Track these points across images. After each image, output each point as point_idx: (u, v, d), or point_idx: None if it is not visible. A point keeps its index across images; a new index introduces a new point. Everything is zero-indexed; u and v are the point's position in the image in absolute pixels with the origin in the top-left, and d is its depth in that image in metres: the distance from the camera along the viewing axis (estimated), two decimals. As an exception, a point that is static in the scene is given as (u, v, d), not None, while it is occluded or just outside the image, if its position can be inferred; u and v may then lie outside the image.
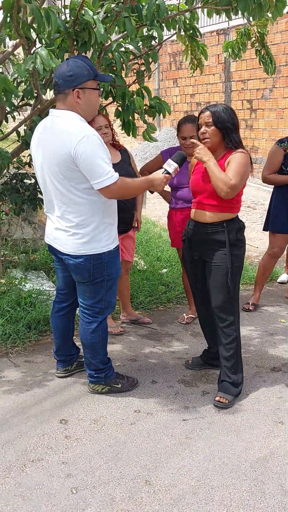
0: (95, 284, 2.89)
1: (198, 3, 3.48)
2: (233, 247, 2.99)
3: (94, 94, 2.75)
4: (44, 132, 2.77)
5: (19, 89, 4.18)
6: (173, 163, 2.91)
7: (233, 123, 2.93)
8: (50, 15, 2.98)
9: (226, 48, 4.81)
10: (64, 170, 2.65)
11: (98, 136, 2.64)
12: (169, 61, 13.99)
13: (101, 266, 2.85)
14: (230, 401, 3.01)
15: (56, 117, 2.73)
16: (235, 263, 3.00)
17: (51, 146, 2.68)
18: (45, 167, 2.75)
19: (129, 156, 3.85)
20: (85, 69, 2.67)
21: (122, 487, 2.37)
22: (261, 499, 2.30)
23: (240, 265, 3.07)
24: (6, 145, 5.21)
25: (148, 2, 3.26)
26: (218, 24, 11.32)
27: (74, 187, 2.69)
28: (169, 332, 4.01)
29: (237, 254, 3.02)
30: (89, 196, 2.72)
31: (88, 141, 2.58)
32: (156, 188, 2.97)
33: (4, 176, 4.49)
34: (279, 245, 4.44)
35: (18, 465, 2.50)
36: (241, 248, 3.06)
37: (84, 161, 2.58)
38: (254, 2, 3.23)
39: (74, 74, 2.65)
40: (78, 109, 2.72)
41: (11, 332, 3.72)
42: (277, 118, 10.51)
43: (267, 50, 4.76)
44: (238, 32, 4.75)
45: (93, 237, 2.79)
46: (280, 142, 4.25)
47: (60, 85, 2.69)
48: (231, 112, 2.96)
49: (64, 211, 2.77)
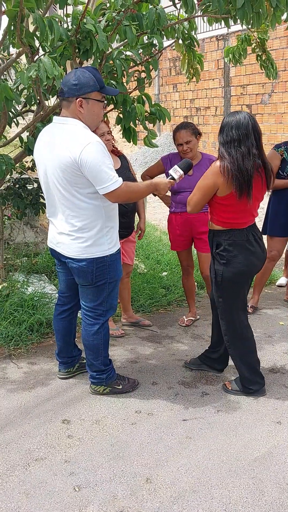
0: (97, 286, 2.95)
1: (197, 12, 3.55)
2: (215, 260, 3.05)
3: (97, 105, 2.81)
4: (48, 139, 2.83)
5: (22, 95, 4.25)
6: (179, 169, 2.97)
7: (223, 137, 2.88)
8: (53, 24, 3.05)
9: (227, 54, 4.89)
10: (68, 176, 2.72)
11: (101, 143, 2.71)
12: (168, 66, 14.09)
13: (104, 269, 2.91)
14: (233, 389, 3.19)
15: (60, 124, 2.79)
16: (218, 277, 3.04)
17: (56, 152, 2.74)
18: (49, 172, 2.81)
19: (127, 162, 3.93)
20: (91, 80, 2.73)
21: (124, 485, 2.42)
22: (259, 496, 2.35)
23: (224, 280, 3.02)
24: (8, 150, 5.28)
25: (148, 11, 3.34)
26: (217, 30, 11.41)
27: (78, 192, 2.75)
28: (169, 335, 4.07)
29: (217, 269, 3.03)
30: (93, 201, 2.79)
31: (92, 148, 2.64)
32: (160, 192, 3.01)
33: (7, 181, 4.56)
34: (277, 248, 4.51)
35: (22, 463, 2.56)
36: (224, 264, 3.00)
37: (89, 167, 2.64)
38: (252, 11, 3.30)
39: (79, 83, 2.71)
40: (81, 117, 2.78)
41: (13, 334, 3.78)
42: (276, 123, 10.60)
43: (268, 55, 4.84)
44: (239, 38, 4.83)
45: (96, 241, 2.85)
46: (277, 147, 4.32)
47: (64, 92, 2.76)
48: (233, 126, 2.84)
49: (67, 215, 2.83)
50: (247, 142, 2.83)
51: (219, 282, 3.05)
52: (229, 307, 3.10)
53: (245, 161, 2.81)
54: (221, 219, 3.00)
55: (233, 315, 3.12)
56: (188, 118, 13.69)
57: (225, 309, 3.11)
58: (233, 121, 2.85)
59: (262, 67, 4.92)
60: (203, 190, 2.94)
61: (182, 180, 3.78)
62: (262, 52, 4.84)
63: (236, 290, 3.07)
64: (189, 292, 4.34)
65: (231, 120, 2.87)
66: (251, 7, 3.24)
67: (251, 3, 3.23)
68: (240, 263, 2.99)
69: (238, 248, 3.00)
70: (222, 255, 3.01)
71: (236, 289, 3.07)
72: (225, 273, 3.02)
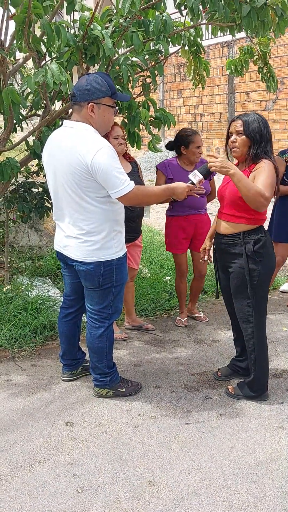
0: (103, 290, 2.97)
1: (203, 20, 3.58)
2: (250, 259, 2.97)
3: (108, 111, 2.84)
4: (58, 142, 2.84)
5: (28, 100, 4.29)
6: (199, 174, 2.99)
7: (264, 134, 2.89)
8: (60, 30, 3.09)
9: (229, 66, 4.93)
10: (78, 179, 2.74)
11: (112, 148, 2.73)
12: (173, 72, 14.15)
13: (110, 273, 2.93)
14: (236, 394, 3.19)
15: (71, 128, 2.81)
16: (254, 277, 2.97)
17: (66, 155, 2.75)
18: (59, 175, 2.83)
19: (138, 168, 3.96)
20: (104, 86, 2.76)
21: (126, 487, 2.43)
22: (262, 500, 2.36)
23: (260, 279, 2.99)
24: (14, 154, 5.32)
25: (155, 18, 3.37)
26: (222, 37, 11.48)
27: (87, 195, 2.78)
28: (172, 339, 4.08)
29: (253, 269, 2.97)
30: (101, 205, 2.81)
31: (104, 154, 2.66)
32: (178, 197, 2.99)
33: (13, 185, 4.59)
34: (281, 254, 4.53)
35: (25, 465, 2.57)
36: (260, 262, 2.97)
37: (101, 172, 2.67)
38: (257, 19, 3.34)
39: (91, 88, 2.74)
40: (92, 122, 2.81)
41: (17, 337, 3.80)
42: (280, 129, 10.62)
43: (269, 68, 4.88)
44: (241, 50, 4.88)
45: (104, 244, 2.87)
46: (282, 154, 4.35)
47: (76, 97, 2.78)
48: (263, 122, 2.91)
49: (76, 218, 2.86)
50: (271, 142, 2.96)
51: (256, 281, 2.98)
52: (260, 308, 3.06)
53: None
54: (255, 217, 2.96)
55: (262, 316, 3.08)
56: (193, 124, 13.74)
57: (258, 311, 3.05)
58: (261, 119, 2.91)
59: (263, 79, 4.96)
60: (272, 186, 2.84)
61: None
62: (264, 65, 4.88)
63: (267, 288, 3.06)
64: (183, 295, 4.43)
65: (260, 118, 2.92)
66: (256, 16, 3.27)
67: (256, 12, 3.26)
68: (272, 259, 3.03)
69: (270, 244, 3.02)
70: (259, 253, 2.96)
71: (267, 287, 3.05)
72: (262, 270, 2.97)
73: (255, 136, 2.88)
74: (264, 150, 2.90)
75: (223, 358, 3.73)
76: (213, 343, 4.00)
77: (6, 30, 3.49)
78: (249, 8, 3.27)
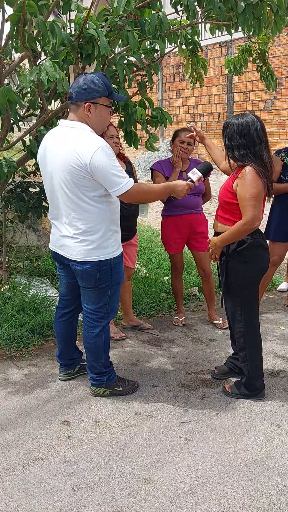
0: (100, 289, 2.97)
1: (199, 18, 3.58)
2: (231, 260, 3.04)
3: (105, 110, 2.85)
4: (55, 141, 2.85)
5: (25, 100, 4.30)
6: (198, 172, 3.00)
7: (232, 139, 2.90)
8: (54, 28, 3.09)
9: (228, 64, 4.92)
10: (76, 178, 2.74)
11: (109, 147, 2.74)
12: (172, 72, 14.14)
13: (107, 272, 2.93)
14: (233, 393, 3.20)
15: (68, 128, 2.81)
16: (230, 277, 3.04)
17: (63, 155, 2.75)
18: (55, 174, 2.82)
19: (132, 167, 3.97)
20: (100, 86, 2.77)
21: (122, 485, 2.43)
22: (257, 498, 2.36)
23: (246, 280, 3.03)
24: (11, 154, 5.32)
25: (151, 17, 3.37)
26: (220, 36, 11.48)
27: (84, 194, 2.78)
28: (169, 338, 4.08)
29: (234, 268, 3.03)
30: (98, 204, 2.81)
31: (102, 153, 2.67)
32: (178, 194, 3.01)
33: (10, 185, 4.59)
34: (279, 254, 4.52)
35: (22, 463, 2.57)
36: (244, 263, 3.01)
37: (100, 172, 2.68)
38: (253, 17, 3.33)
39: (88, 88, 2.75)
40: (88, 122, 2.81)
41: (15, 336, 3.80)
42: (278, 129, 10.62)
43: (268, 66, 4.87)
44: (240, 49, 4.87)
45: (100, 244, 2.87)
46: (278, 153, 4.35)
47: (73, 96, 2.79)
48: (246, 127, 2.88)
49: (72, 218, 2.85)
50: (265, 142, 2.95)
51: (239, 282, 3.04)
52: (250, 307, 3.11)
53: (268, 159, 2.93)
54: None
55: (252, 315, 3.12)
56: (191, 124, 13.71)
57: (246, 310, 3.10)
58: (249, 123, 2.89)
59: (262, 78, 4.95)
60: (259, 198, 2.87)
61: None
62: (263, 63, 4.87)
63: (255, 288, 3.10)
64: (179, 294, 4.43)
65: (245, 121, 2.90)
66: (252, 13, 3.27)
67: (252, 9, 3.26)
68: (261, 260, 3.06)
69: (258, 246, 3.03)
70: (243, 254, 3.01)
71: (255, 287, 3.10)
72: (247, 272, 3.02)
73: (225, 141, 2.95)
74: (237, 156, 2.90)
75: (220, 357, 3.73)
76: (210, 342, 4.00)
77: (1, 30, 3.49)
78: (245, 5, 3.27)
